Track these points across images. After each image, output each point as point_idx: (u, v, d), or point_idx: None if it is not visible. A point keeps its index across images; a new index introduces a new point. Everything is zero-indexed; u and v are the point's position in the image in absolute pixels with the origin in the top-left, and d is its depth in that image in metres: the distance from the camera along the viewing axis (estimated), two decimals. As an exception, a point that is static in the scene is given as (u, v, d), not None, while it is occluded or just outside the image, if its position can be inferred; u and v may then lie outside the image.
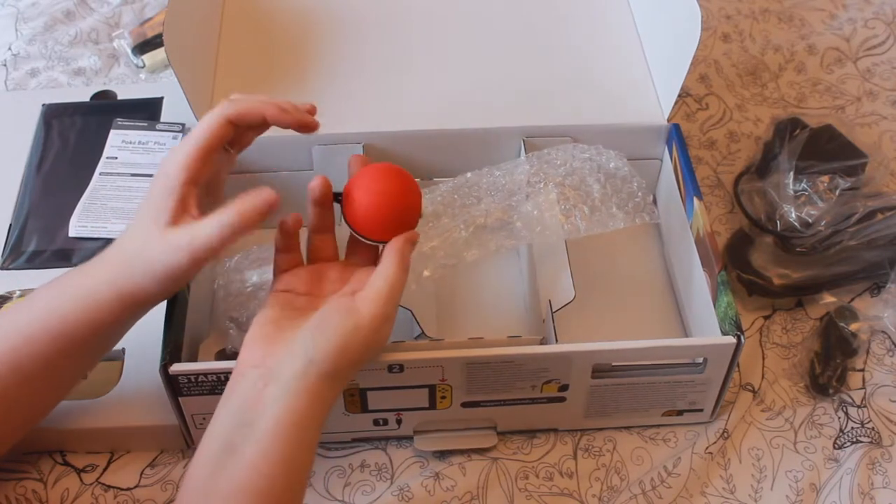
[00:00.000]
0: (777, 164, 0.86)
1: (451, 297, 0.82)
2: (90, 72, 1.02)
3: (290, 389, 0.56)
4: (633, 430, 0.76)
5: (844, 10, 1.10)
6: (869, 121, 0.98)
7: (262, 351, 0.59)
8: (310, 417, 0.57)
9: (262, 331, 0.60)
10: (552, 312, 0.72)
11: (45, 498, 0.72)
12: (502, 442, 0.75)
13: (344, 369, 0.59)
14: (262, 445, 0.55)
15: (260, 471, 0.54)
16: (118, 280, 0.60)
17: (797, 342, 0.81)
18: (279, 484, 0.55)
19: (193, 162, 0.60)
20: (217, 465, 0.55)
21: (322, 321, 0.59)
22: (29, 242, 0.82)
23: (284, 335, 0.59)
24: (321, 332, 0.58)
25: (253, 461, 0.54)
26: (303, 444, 0.57)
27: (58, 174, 0.87)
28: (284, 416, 0.56)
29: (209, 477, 0.55)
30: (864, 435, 0.76)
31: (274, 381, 0.57)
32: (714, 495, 0.72)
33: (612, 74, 0.87)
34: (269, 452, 0.55)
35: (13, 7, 1.10)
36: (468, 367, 0.68)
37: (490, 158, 0.82)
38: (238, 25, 0.91)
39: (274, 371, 0.57)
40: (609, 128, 0.82)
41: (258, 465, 0.54)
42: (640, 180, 0.77)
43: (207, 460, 0.55)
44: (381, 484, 0.73)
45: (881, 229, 0.82)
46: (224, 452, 0.55)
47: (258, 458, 0.55)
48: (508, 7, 0.93)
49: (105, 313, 0.61)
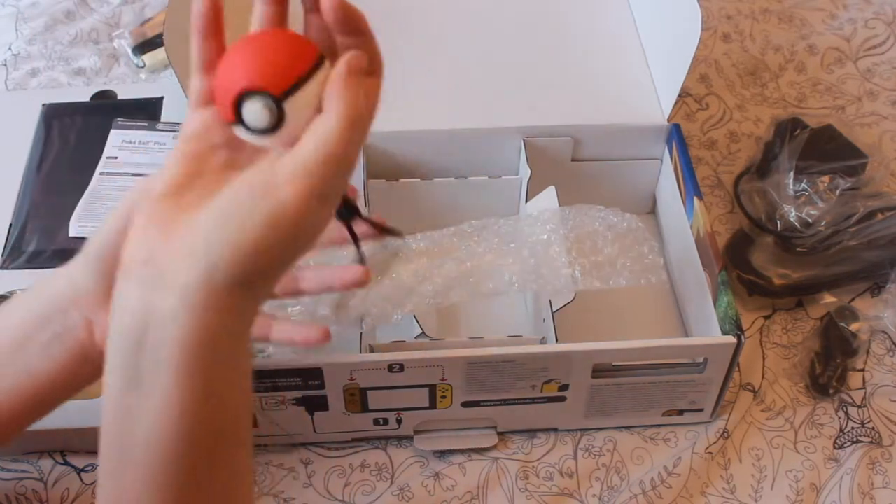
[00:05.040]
0: (777, 164, 0.86)
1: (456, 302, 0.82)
2: (90, 72, 1.02)
3: (189, 303, 0.41)
4: (634, 429, 0.76)
5: (845, 10, 1.10)
6: (869, 121, 0.98)
7: (155, 239, 0.43)
8: (223, 332, 0.43)
9: (156, 209, 0.43)
10: (552, 312, 0.72)
11: (45, 498, 0.72)
12: (502, 442, 0.75)
13: (259, 276, 0.43)
14: (172, 377, 0.42)
15: (175, 410, 0.42)
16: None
17: (797, 342, 0.81)
18: (202, 418, 0.43)
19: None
20: (126, 406, 0.43)
21: (229, 207, 0.42)
22: (29, 242, 0.82)
23: (187, 217, 0.43)
24: (226, 223, 0.42)
25: (165, 398, 0.42)
26: (224, 368, 0.43)
27: (58, 174, 0.87)
28: (189, 339, 0.41)
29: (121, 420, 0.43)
30: (864, 435, 0.75)
31: (167, 291, 0.42)
32: (714, 495, 0.72)
33: (612, 74, 0.87)
34: (182, 384, 0.42)
35: (13, 7, 1.10)
36: (468, 367, 0.68)
37: (490, 158, 0.82)
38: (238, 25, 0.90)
39: (167, 275, 0.42)
40: (609, 128, 0.82)
41: (172, 403, 0.42)
42: (653, 244, 0.72)
43: (115, 398, 0.43)
44: (381, 484, 0.73)
45: (881, 229, 0.82)
46: (129, 387, 0.42)
47: (170, 392, 0.42)
48: (508, 7, 0.93)
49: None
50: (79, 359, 0.52)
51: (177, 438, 0.42)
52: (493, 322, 0.81)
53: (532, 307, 0.80)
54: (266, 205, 0.41)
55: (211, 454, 0.44)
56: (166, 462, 0.42)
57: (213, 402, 0.43)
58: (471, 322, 0.81)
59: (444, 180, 0.82)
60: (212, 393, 0.43)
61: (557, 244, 0.73)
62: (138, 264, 0.43)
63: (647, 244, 0.74)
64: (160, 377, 0.42)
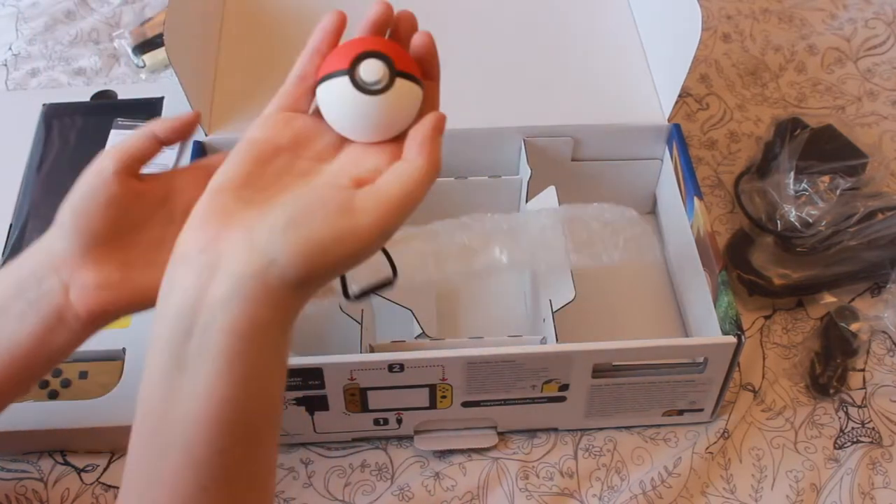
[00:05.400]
0: (777, 164, 0.86)
1: (451, 296, 0.82)
2: (90, 72, 1.02)
3: (242, 293, 0.43)
4: (634, 429, 0.76)
5: (845, 10, 1.10)
6: (869, 121, 0.98)
7: (214, 229, 0.45)
8: (271, 326, 0.45)
9: (219, 200, 0.46)
10: (552, 312, 0.72)
11: (45, 498, 0.72)
12: (502, 442, 0.75)
13: (313, 280, 0.46)
14: (217, 364, 0.43)
15: (218, 396, 0.43)
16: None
17: (797, 342, 0.81)
18: (244, 407, 0.44)
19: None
20: (169, 388, 0.44)
21: (301, 213, 0.45)
22: (29, 242, 0.82)
23: (248, 213, 0.45)
24: (296, 229, 0.44)
25: (208, 384, 0.43)
26: (267, 360, 0.45)
27: (58, 174, 0.87)
28: (237, 327, 0.43)
29: (162, 401, 0.44)
30: (864, 435, 0.75)
31: (222, 277, 0.44)
32: (714, 495, 0.72)
33: (612, 74, 0.87)
34: (225, 372, 0.43)
35: (13, 7, 1.10)
36: (468, 367, 0.68)
37: (490, 158, 0.82)
38: (238, 25, 0.91)
39: (223, 262, 0.44)
40: (609, 128, 0.82)
41: (215, 389, 0.43)
42: (646, 226, 0.73)
43: (158, 379, 0.44)
44: (381, 484, 0.73)
45: (881, 229, 0.82)
46: (174, 369, 0.44)
47: (214, 378, 0.43)
48: (508, 7, 0.93)
49: None
50: (53, 323, 0.55)
51: (216, 423, 0.43)
52: (493, 322, 0.81)
53: (532, 307, 0.80)
54: (342, 223, 0.45)
55: (246, 442, 0.45)
56: (203, 445, 0.43)
57: (253, 391, 0.44)
58: (471, 322, 0.81)
59: (444, 180, 0.82)
60: (253, 382, 0.44)
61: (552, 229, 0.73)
62: (195, 251, 0.44)
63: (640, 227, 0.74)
64: (205, 362, 0.43)
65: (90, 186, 0.55)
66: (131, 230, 0.57)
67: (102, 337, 0.76)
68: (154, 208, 0.58)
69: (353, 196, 0.46)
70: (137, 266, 0.57)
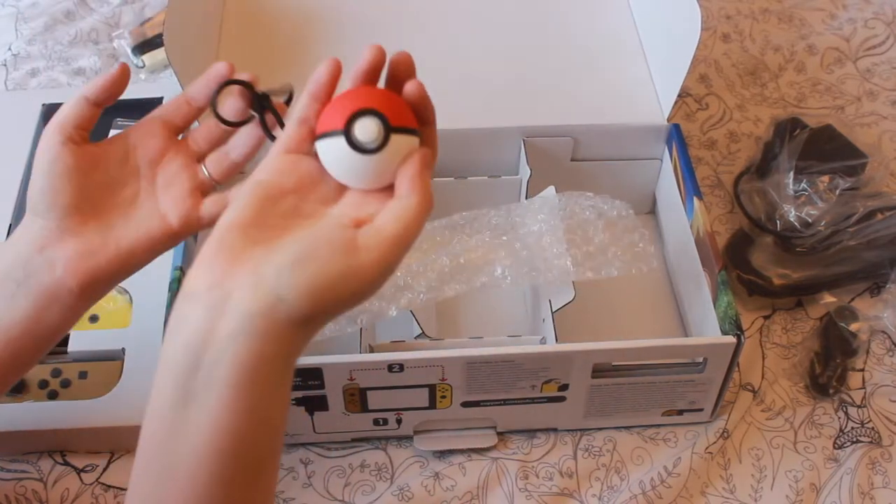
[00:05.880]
0: (777, 164, 0.86)
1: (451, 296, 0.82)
2: (90, 72, 1.02)
3: (250, 329, 0.45)
4: (633, 429, 0.76)
5: (844, 10, 1.10)
6: (869, 121, 0.98)
7: (221, 268, 0.46)
8: (276, 359, 0.46)
9: (227, 239, 0.47)
10: (552, 312, 0.72)
11: (45, 498, 0.72)
12: (502, 442, 0.75)
13: (319, 317, 0.47)
14: (223, 397, 0.45)
15: (224, 428, 0.45)
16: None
17: (797, 342, 0.81)
18: (248, 439, 0.46)
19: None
20: (175, 419, 0.45)
21: (307, 252, 0.46)
22: (29, 242, 0.82)
23: (254, 252, 0.46)
24: (303, 267, 0.46)
25: (215, 415, 0.45)
26: (272, 392, 0.47)
27: (58, 174, 0.87)
28: (244, 362, 0.45)
29: (168, 432, 0.45)
30: (864, 435, 0.76)
31: (231, 314, 0.45)
32: (714, 495, 0.72)
33: (612, 74, 0.87)
34: (232, 404, 0.45)
35: (13, 7, 1.10)
36: (468, 367, 0.68)
37: (490, 158, 0.82)
38: (238, 25, 0.91)
39: (232, 299, 0.45)
40: (609, 128, 0.82)
41: (221, 420, 0.45)
42: (643, 231, 0.74)
43: (164, 411, 0.46)
44: (381, 484, 0.73)
45: (881, 229, 0.82)
46: (180, 403, 0.45)
47: (220, 410, 0.45)
48: (508, 7, 0.93)
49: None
50: (46, 301, 0.57)
51: (221, 454, 0.45)
52: (493, 322, 0.81)
53: (532, 307, 0.80)
54: (347, 261, 0.46)
55: (252, 473, 0.46)
56: (210, 475, 0.45)
57: (258, 422, 0.46)
58: (471, 322, 0.81)
59: (443, 180, 0.82)
60: (258, 414, 0.46)
61: (549, 234, 0.73)
62: (204, 288, 0.46)
63: (638, 232, 0.74)
64: (212, 395, 0.45)
65: (45, 163, 0.58)
66: (101, 193, 0.59)
67: (102, 337, 0.77)
68: (117, 168, 0.61)
69: (356, 235, 0.47)
70: (116, 226, 0.59)
